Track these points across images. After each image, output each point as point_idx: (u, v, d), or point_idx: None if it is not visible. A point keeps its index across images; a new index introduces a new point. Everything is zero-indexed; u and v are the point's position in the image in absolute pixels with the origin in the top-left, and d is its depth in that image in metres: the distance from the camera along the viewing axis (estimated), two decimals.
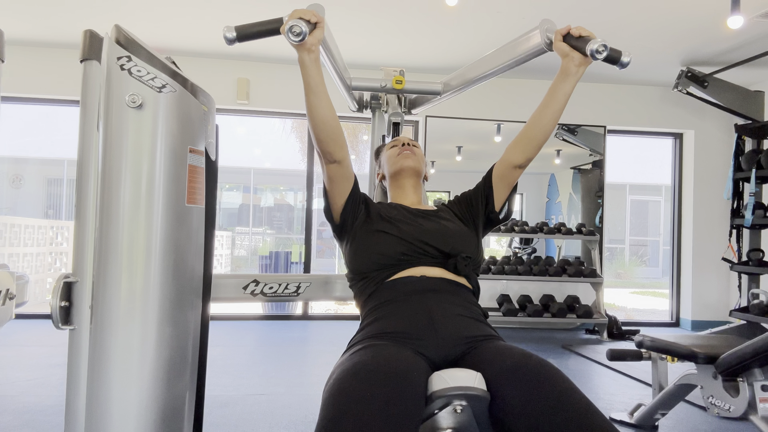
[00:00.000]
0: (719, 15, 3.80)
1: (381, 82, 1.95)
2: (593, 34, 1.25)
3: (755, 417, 2.03)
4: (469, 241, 1.45)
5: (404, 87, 1.95)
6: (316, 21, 1.19)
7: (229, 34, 1.21)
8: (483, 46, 4.67)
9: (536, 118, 1.41)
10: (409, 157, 1.60)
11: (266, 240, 12.29)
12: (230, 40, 1.21)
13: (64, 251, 7.42)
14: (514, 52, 1.55)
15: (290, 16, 1.18)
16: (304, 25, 1.12)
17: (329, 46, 1.56)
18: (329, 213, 1.48)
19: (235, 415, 2.64)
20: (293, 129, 11.31)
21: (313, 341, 4.65)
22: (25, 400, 2.78)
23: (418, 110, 2.15)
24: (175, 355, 1.34)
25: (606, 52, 1.20)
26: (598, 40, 1.20)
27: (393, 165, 1.62)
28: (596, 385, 3.43)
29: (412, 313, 1.28)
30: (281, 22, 1.21)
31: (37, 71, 4.95)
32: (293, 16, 1.18)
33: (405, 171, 1.60)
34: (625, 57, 1.26)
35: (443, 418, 1.10)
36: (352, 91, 1.97)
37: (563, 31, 1.29)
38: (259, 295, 1.78)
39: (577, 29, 1.27)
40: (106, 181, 1.28)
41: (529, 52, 1.49)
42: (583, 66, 1.31)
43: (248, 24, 1.22)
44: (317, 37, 1.21)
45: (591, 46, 1.20)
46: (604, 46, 1.18)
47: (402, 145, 1.64)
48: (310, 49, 1.23)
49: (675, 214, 5.88)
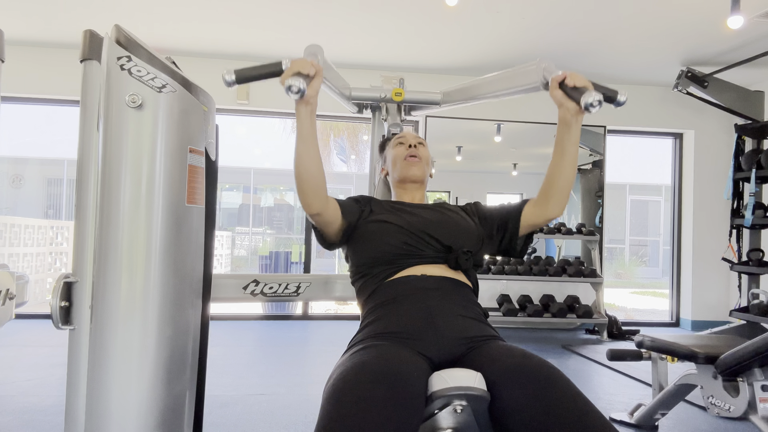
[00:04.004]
0: (719, 15, 3.80)
1: (381, 93, 1.94)
2: (589, 84, 1.23)
3: (755, 417, 2.03)
4: (471, 235, 1.46)
5: (404, 98, 1.94)
6: (314, 73, 1.19)
7: (229, 77, 1.24)
8: (483, 46, 4.68)
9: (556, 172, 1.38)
10: (416, 164, 1.59)
11: (266, 240, 12.30)
12: (229, 83, 1.24)
13: (64, 251, 7.42)
14: (511, 83, 1.54)
15: (289, 69, 1.18)
16: (302, 83, 1.13)
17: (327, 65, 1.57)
18: (324, 241, 1.47)
19: (235, 415, 2.64)
20: (293, 129, 11.31)
21: (313, 341, 4.65)
22: (25, 400, 2.78)
23: (418, 114, 2.14)
24: (175, 355, 1.34)
25: (600, 106, 1.18)
26: (592, 94, 1.18)
27: (399, 171, 1.61)
28: (596, 385, 3.43)
29: (413, 313, 1.28)
30: (279, 66, 1.23)
31: (37, 71, 4.95)
32: (292, 69, 1.17)
33: (411, 178, 1.60)
34: (621, 96, 1.27)
35: (443, 418, 1.10)
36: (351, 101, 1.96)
37: (559, 78, 1.26)
38: (259, 295, 1.78)
39: (572, 78, 1.24)
40: (106, 181, 1.28)
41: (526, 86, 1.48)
42: (579, 115, 1.28)
43: (247, 68, 1.24)
44: (315, 88, 1.21)
45: (585, 100, 1.18)
46: (599, 101, 1.17)
47: (409, 146, 1.62)
48: (307, 101, 1.23)
49: (675, 214, 5.88)
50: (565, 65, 5.02)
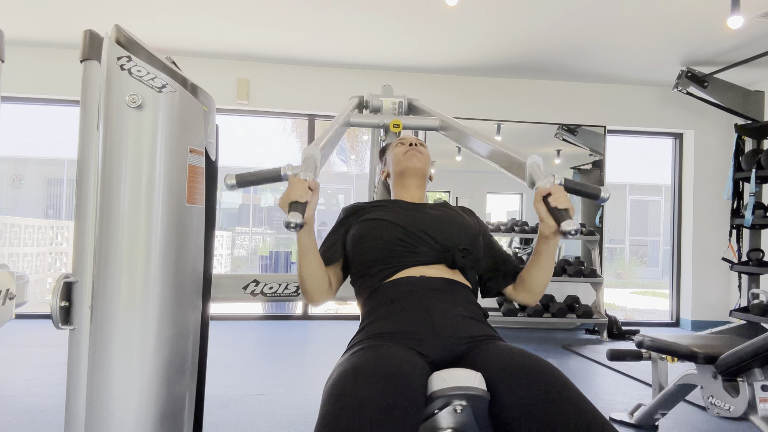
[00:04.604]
0: (719, 15, 3.80)
1: (379, 121, 1.94)
2: (571, 207, 1.24)
3: (755, 417, 2.03)
4: (468, 233, 1.46)
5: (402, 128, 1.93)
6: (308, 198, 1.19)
7: (230, 181, 1.28)
8: (483, 46, 4.68)
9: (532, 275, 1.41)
10: (416, 157, 1.60)
11: (266, 240, 12.29)
12: (230, 187, 1.29)
13: (64, 251, 7.42)
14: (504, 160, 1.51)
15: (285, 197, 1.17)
16: (299, 218, 1.14)
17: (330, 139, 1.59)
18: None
19: (235, 415, 2.64)
20: (293, 129, 11.31)
21: (313, 341, 4.65)
22: (25, 400, 2.78)
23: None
24: (175, 355, 1.34)
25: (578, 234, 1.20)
26: (571, 223, 1.19)
27: (399, 164, 1.61)
28: (596, 385, 3.43)
29: (412, 313, 1.28)
30: (278, 173, 1.27)
31: (37, 71, 4.95)
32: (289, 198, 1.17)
33: (411, 170, 1.60)
34: (603, 193, 1.31)
35: (443, 418, 1.10)
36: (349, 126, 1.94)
37: (543, 192, 1.26)
38: (259, 295, 1.78)
39: (555, 198, 1.24)
40: (106, 181, 1.28)
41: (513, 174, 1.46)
42: (558, 236, 1.29)
43: (248, 173, 1.29)
44: (312, 210, 1.22)
45: (565, 227, 1.19)
46: (577, 230, 1.19)
47: (409, 145, 1.63)
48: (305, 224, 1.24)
49: (675, 214, 5.88)
50: (565, 65, 5.02)
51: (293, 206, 1.16)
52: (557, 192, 1.24)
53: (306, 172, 1.23)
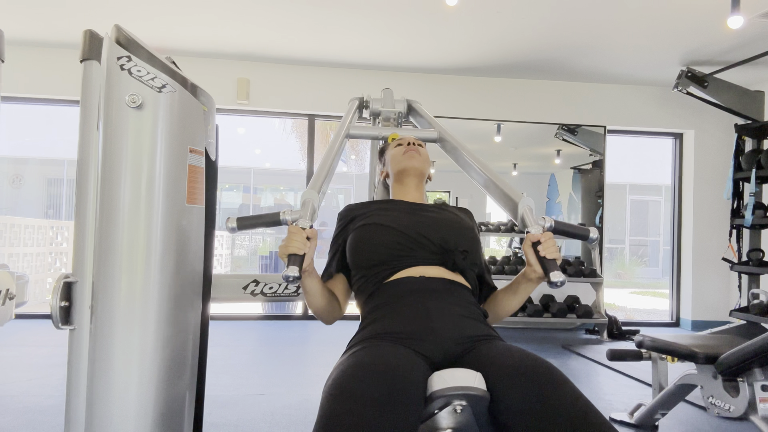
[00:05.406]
0: (719, 15, 3.80)
1: (378, 134, 1.97)
2: (558, 257, 1.28)
3: (755, 417, 2.03)
4: (466, 234, 1.46)
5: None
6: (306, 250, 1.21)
7: (231, 224, 1.32)
8: (483, 46, 4.67)
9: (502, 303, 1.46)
10: (415, 157, 1.61)
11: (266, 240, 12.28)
12: (232, 229, 1.32)
13: (64, 251, 7.42)
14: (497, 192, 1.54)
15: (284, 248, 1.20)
16: (297, 271, 1.17)
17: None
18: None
19: (235, 415, 2.64)
20: (293, 129, 11.32)
21: (313, 341, 4.65)
22: (25, 400, 2.78)
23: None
24: (175, 355, 1.34)
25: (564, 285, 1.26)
26: (559, 274, 1.24)
27: (398, 164, 1.62)
28: (596, 385, 3.43)
29: (412, 314, 1.28)
30: (278, 217, 1.31)
31: (37, 71, 4.95)
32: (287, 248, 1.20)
33: (409, 170, 1.60)
34: (592, 234, 1.35)
35: (443, 418, 1.10)
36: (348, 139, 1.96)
37: (533, 238, 1.29)
38: (259, 295, 1.78)
39: (544, 247, 1.27)
40: (106, 181, 1.28)
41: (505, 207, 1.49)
42: (541, 281, 1.33)
43: (249, 217, 1.33)
44: (310, 258, 1.24)
45: (553, 278, 1.24)
46: (563, 282, 1.24)
47: (408, 144, 1.64)
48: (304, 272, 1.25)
49: (675, 214, 5.88)
50: (565, 65, 5.02)
51: (291, 259, 1.19)
52: (547, 241, 1.29)
53: (304, 220, 1.26)
